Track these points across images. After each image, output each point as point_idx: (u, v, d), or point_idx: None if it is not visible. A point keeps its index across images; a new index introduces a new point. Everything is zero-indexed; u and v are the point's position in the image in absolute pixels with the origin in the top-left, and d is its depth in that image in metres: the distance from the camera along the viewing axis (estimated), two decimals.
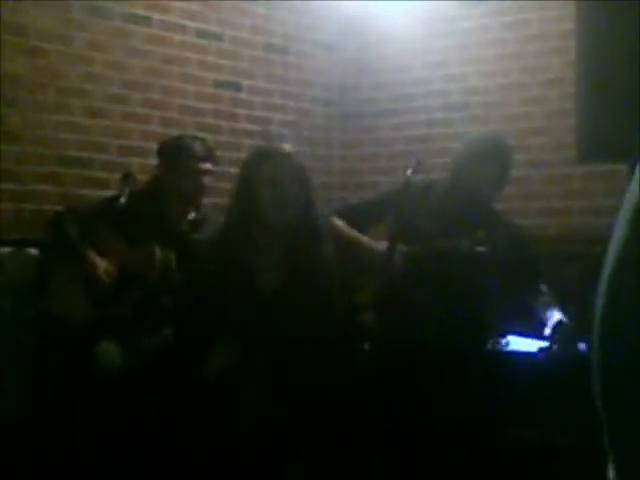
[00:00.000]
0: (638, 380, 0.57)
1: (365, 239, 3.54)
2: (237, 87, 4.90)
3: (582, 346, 3.22)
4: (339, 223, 3.61)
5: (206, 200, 4.47)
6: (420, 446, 3.31)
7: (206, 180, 3.72)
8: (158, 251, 3.55)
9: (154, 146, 3.92)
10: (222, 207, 4.64)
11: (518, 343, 3.55)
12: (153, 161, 3.87)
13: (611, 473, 0.62)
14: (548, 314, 3.31)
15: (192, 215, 3.77)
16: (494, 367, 3.39)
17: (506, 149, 3.53)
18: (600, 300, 0.61)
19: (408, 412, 3.27)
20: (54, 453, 3.51)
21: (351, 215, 3.64)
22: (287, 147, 3.29)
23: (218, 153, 4.74)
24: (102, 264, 3.51)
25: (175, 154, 3.69)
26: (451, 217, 3.47)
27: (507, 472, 3.33)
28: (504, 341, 3.51)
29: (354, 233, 3.58)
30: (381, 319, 3.41)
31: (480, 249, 3.23)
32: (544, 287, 3.42)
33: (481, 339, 3.44)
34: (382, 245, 3.43)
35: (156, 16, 4.54)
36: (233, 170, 4.85)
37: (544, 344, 3.31)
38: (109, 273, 3.51)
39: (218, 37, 4.80)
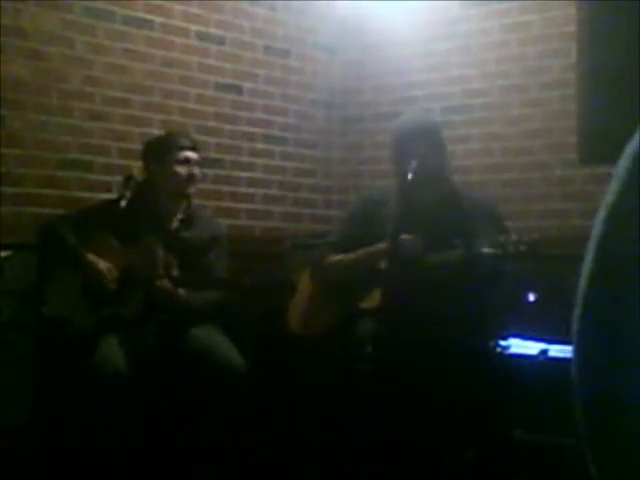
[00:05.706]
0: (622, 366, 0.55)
1: (365, 250, 3.52)
2: (238, 90, 4.90)
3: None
4: (339, 257, 3.60)
5: (207, 203, 4.49)
6: (422, 448, 3.31)
7: (194, 170, 3.76)
8: (159, 249, 3.58)
9: None
10: (224, 210, 4.66)
11: (519, 346, 3.54)
12: None
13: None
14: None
15: (181, 215, 3.79)
16: (496, 370, 3.39)
17: (425, 120, 3.64)
18: (580, 291, 0.60)
19: (410, 414, 3.27)
20: (54, 459, 3.51)
21: (343, 248, 3.62)
22: None
23: (219, 156, 4.76)
24: (102, 264, 3.53)
25: (160, 147, 3.80)
26: (421, 206, 3.48)
27: (509, 474, 3.33)
28: (505, 344, 3.51)
29: (353, 254, 3.56)
30: (384, 323, 3.40)
31: (495, 251, 3.22)
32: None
33: (484, 341, 3.43)
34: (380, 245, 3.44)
35: (157, 19, 4.54)
36: (234, 173, 4.87)
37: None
38: (111, 272, 3.53)
39: (219, 40, 4.80)
